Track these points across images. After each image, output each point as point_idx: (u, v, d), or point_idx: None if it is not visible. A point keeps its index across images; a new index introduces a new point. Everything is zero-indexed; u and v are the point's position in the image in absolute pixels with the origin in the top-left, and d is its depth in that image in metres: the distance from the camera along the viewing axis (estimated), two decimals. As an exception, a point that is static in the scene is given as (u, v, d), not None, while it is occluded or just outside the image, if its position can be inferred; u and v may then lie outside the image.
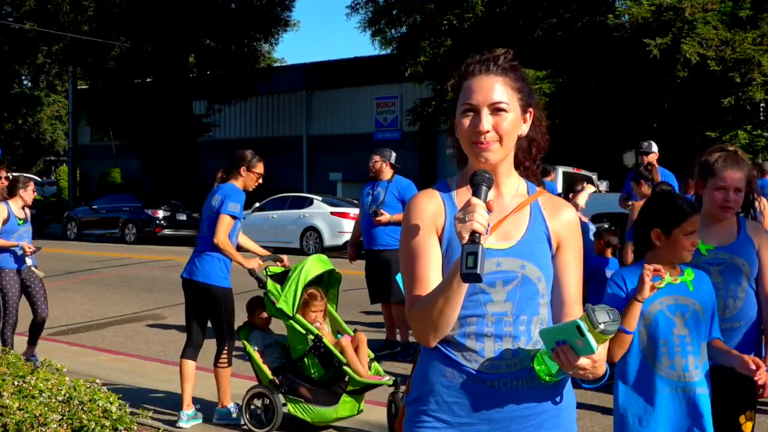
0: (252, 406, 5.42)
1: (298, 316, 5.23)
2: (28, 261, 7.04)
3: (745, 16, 17.12)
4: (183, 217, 23.58)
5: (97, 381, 4.45)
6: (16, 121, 42.87)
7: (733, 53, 16.63)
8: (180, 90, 27.62)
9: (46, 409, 3.94)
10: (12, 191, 7.13)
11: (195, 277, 5.63)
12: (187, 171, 27.55)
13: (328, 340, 5.26)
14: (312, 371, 5.24)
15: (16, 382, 4.11)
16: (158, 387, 6.47)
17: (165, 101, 27.09)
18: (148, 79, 28.96)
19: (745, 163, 3.36)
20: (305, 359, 5.24)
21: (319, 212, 19.48)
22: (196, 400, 6.08)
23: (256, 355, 5.46)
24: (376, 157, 7.53)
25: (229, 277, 5.71)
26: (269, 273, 5.52)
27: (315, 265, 5.39)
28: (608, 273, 6.80)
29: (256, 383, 5.51)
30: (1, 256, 6.98)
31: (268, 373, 5.34)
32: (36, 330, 7.31)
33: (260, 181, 5.97)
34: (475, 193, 1.87)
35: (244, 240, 6.17)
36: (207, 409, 5.85)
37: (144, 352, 8.11)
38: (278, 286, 5.29)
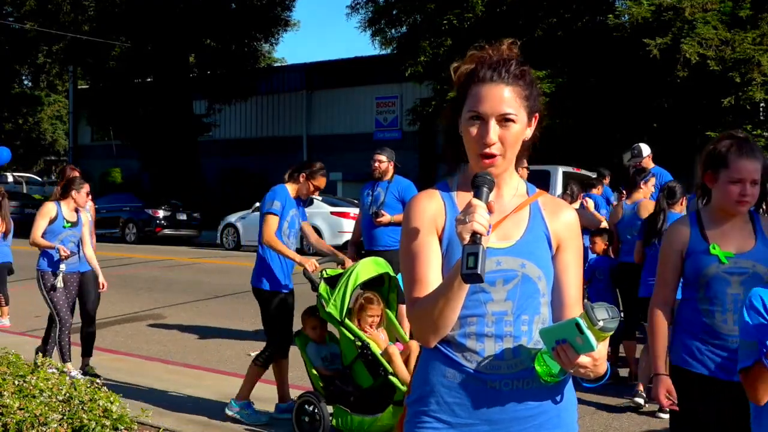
0: (301, 413, 5.28)
1: (347, 321, 5.02)
2: (62, 267, 6.58)
3: (745, 16, 17.12)
4: (183, 217, 23.60)
5: (98, 381, 4.45)
6: (16, 120, 42.88)
7: (733, 53, 16.63)
8: (180, 90, 27.63)
9: (46, 408, 3.94)
10: (65, 192, 6.79)
11: (251, 281, 5.72)
12: (187, 171, 27.57)
13: (382, 347, 5.03)
14: (361, 379, 5.03)
15: (16, 382, 4.11)
16: (158, 387, 6.47)
17: (165, 101, 27.10)
18: (149, 79, 28.98)
19: (760, 151, 3.04)
20: (355, 366, 5.04)
21: (319, 212, 19.48)
22: (196, 400, 6.08)
23: (305, 357, 5.31)
24: (383, 157, 7.38)
25: (280, 279, 5.57)
26: (326, 275, 5.27)
27: (367, 268, 5.16)
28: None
29: (308, 391, 5.37)
30: (42, 257, 6.64)
31: (318, 380, 5.19)
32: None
33: (316, 194, 6.00)
34: (477, 195, 1.87)
35: (316, 240, 6.14)
36: (207, 409, 5.86)
37: (144, 351, 8.11)
38: (329, 289, 5.10)
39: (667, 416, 4.99)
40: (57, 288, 6.54)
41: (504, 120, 1.97)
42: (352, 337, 5.01)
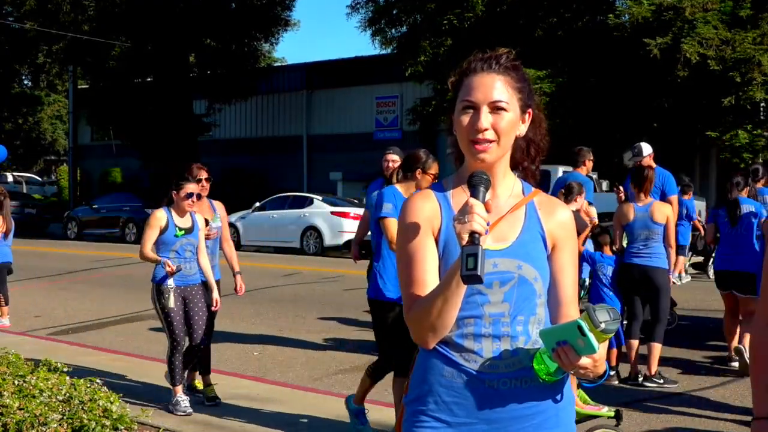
0: None
1: None
2: (170, 282, 5.78)
3: (745, 16, 17.13)
4: (183, 217, 23.58)
5: (98, 381, 4.45)
6: (16, 120, 42.89)
7: (733, 53, 16.64)
8: (180, 90, 27.63)
9: (46, 408, 3.94)
10: (172, 197, 6.04)
11: (368, 292, 5.26)
12: (187, 171, 27.54)
13: None
14: None
15: (16, 382, 4.11)
16: (158, 387, 6.46)
17: (165, 101, 27.10)
18: (149, 79, 28.96)
19: None
20: None
21: (319, 212, 19.48)
22: (199, 401, 6.08)
23: None
24: (395, 156, 7.26)
25: (385, 287, 5.04)
26: None
27: None
28: (605, 269, 6.90)
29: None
30: (159, 271, 5.86)
31: None
32: (191, 357, 6.08)
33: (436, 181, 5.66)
34: (473, 194, 1.87)
35: None
36: (207, 409, 5.85)
37: (144, 351, 8.10)
38: None
39: (667, 417, 4.99)
40: (169, 305, 5.79)
41: (496, 108, 1.97)
42: None
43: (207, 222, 6.31)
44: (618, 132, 18.71)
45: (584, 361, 1.83)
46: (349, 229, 18.15)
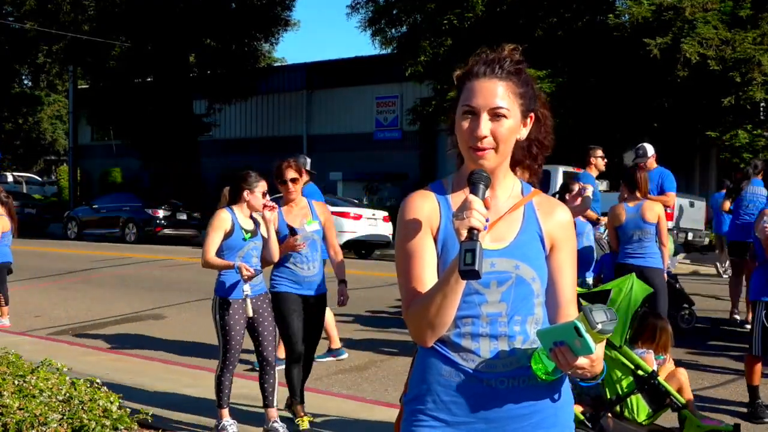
0: None
1: (626, 348, 4.54)
2: (246, 288, 5.14)
3: (745, 16, 17.13)
4: (183, 217, 23.62)
5: (98, 381, 4.45)
6: (16, 120, 42.91)
7: (733, 53, 16.64)
8: (180, 90, 27.64)
9: (46, 408, 3.94)
10: (236, 194, 5.42)
11: None
12: (187, 170, 27.58)
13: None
14: (637, 412, 4.52)
15: (16, 382, 4.12)
16: (158, 387, 6.47)
17: (165, 101, 27.11)
18: (149, 79, 28.98)
19: None
20: (631, 398, 4.50)
21: (319, 212, 19.46)
22: (196, 400, 6.08)
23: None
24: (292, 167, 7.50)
25: None
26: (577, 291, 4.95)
27: (641, 287, 4.62)
28: None
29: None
30: (225, 281, 5.26)
31: (577, 411, 4.55)
32: (267, 379, 5.40)
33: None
34: (473, 191, 1.88)
35: None
36: (207, 409, 5.86)
37: (144, 351, 8.11)
38: None
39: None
40: (237, 318, 5.18)
41: (496, 114, 1.97)
42: (632, 366, 4.51)
43: (293, 230, 5.40)
44: (618, 132, 18.71)
45: (581, 361, 1.83)
46: (349, 229, 18.17)
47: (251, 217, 5.41)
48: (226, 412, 5.30)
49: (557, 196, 6.57)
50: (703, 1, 17.26)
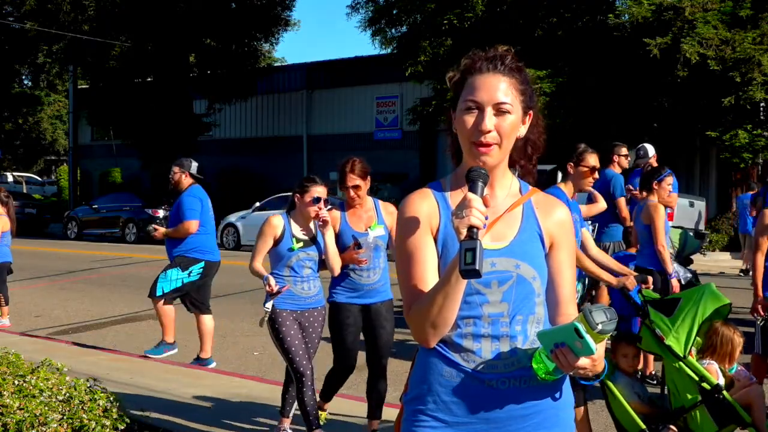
0: None
1: (690, 359, 4.33)
2: (267, 305, 4.83)
3: (745, 16, 17.13)
4: (183, 217, 23.59)
5: (98, 381, 4.45)
6: (16, 120, 42.89)
7: (733, 53, 16.64)
8: (180, 89, 27.64)
9: (46, 408, 3.94)
10: (293, 203, 5.00)
11: None
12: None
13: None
14: (702, 426, 4.30)
15: (16, 382, 4.12)
16: (158, 387, 6.47)
17: (165, 101, 27.12)
18: (149, 79, 28.99)
19: None
20: (695, 412, 4.29)
21: (319, 212, 19.47)
22: (196, 400, 6.08)
23: (621, 397, 4.40)
24: (176, 169, 7.68)
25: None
26: (645, 297, 4.51)
27: (714, 298, 4.43)
28: None
29: None
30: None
31: (640, 422, 4.34)
32: (301, 396, 4.96)
33: (595, 175, 4.95)
34: (472, 189, 1.87)
35: (598, 252, 5.03)
36: (207, 409, 5.85)
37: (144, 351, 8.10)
38: (664, 318, 4.33)
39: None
40: (287, 325, 4.83)
41: (500, 110, 1.97)
42: (696, 378, 4.29)
43: (357, 242, 4.91)
44: (618, 132, 18.72)
45: (583, 361, 1.83)
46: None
47: (314, 224, 4.97)
48: (287, 421, 5.06)
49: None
50: (703, 1, 17.26)
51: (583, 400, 4.65)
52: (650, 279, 4.89)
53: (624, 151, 8.18)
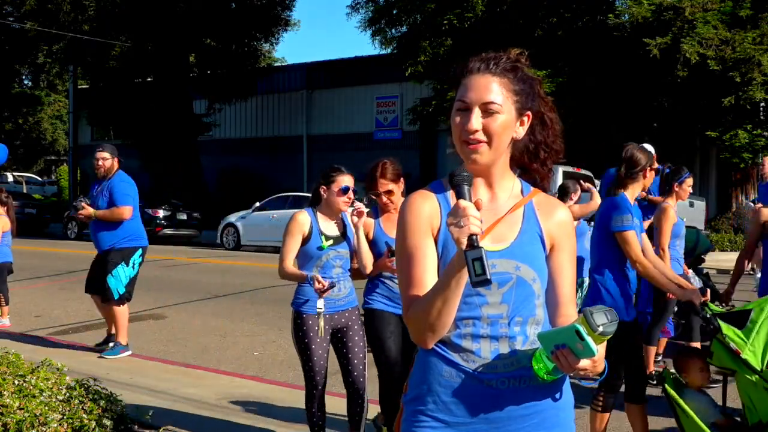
0: None
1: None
2: (319, 304, 4.41)
3: (745, 16, 17.14)
4: (183, 217, 23.61)
5: (98, 381, 4.45)
6: (16, 120, 42.92)
7: (733, 53, 16.65)
8: (180, 89, 27.66)
9: (46, 408, 3.95)
10: (318, 196, 4.59)
11: None
12: (187, 170, 27.59)
13: None
14: None
15: (16, 382, 4.12)
16: (158, 387, 6.46)
17: (165, 101, 27.13)
18: (149, 79, 29.00)
19: None
20: None
21: (319, 212, 19.49)
22: (196, 400, 6.08)
23: (695, 416, 4.24)
24: (104, 154, 7.68)
25: (622, 303, 4.50)
26: (712, 311, 4.39)
27: None
28: None
29: None
30: (301, 293, 4.51)
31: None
32: (355, 409, 4.63)
33: (652, 173, 4.89)
34: (460, 195, 1.85)
35: (654, 260, 4.83)
36: (207, 409, 5.85)
37: (144, 351, 8.10)
38: (737, 331, 4.18)
39: (667, 418, 4.98)
40: (312, 335, 4.44)
41: (488, 110, 1.96)
42: None
43: (390, 249, 4.46)
44: (618, 132, 18.73)
45: (584, 363, 1.83)
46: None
47: (342, 220, 4.61)
48: None
49: (556, 196, 6.54)
50: (703, 1, 17.27)
51: (611, 407, 4.61)
52: (708, 291, 4.78)
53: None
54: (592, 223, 8.64)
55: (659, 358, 7.06)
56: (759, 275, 8.51)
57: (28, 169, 45.70)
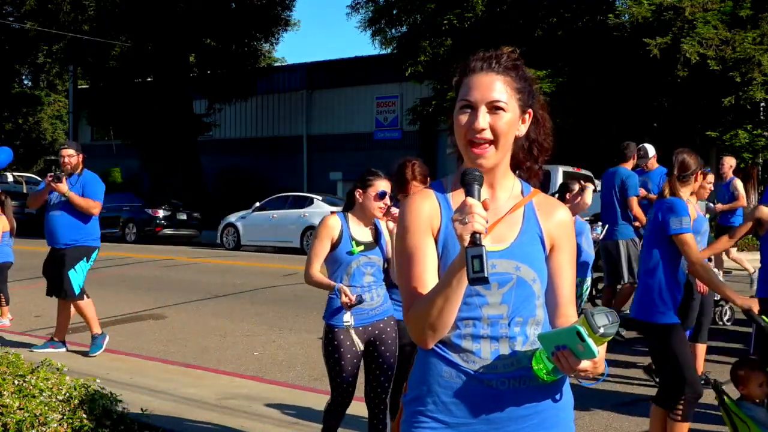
0: None
1: None
2: (347, 318, 4.19)
3: (745, 16, 17.13)
4: (183, 217, 23.62)
5: (97, 381, 4.45)
6: (16, 120, 42.91)
7: (733, 53, 16.64)
8: (180, 89, 27.66)
9: (46, 408, 3.95)
10: (352, 200, 4.36)
11: (639, 314, 4.56)
12: (187, 170, 27.60)
13: None
14: None
15: (16, 382, 4.12)
16: (158, 387, 6.46)
17: (165, 101, 27.13)
18: (149, 79, 29.00)
19: None
20: None
21: (319, 212, 19.47)
22: (196, 400, 6.08)
23: (752, 423, 4.13)
24: (69, 151, 7.55)
25: (667, 308, 4.48)
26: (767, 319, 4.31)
27: None
28: None
29: None
30: (331, 303, 4.29)
31: None
32: (373, 426, 4.47)
33: (707, 179, 4.92)
34: (469, 193, 1.85)
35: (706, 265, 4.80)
36: (207, 409, 5.85)
37: (144, 351, 8.10)
38: None
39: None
40: (342, 351, 4.21)
41: (494, 108, 1.96)
42: None
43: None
44: (618, 132, 18.74)
45: (584, 364, 1.83)
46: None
47: (376, 226, 4.35)
48: None
49: (557, 195, 6.52)
50: (703, 1, 17.26)
51: (690, 416, 4.49)
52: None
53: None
54: (598, 223, 8.64)
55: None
56: (755, 275, 8.41)
57: (28, 169, 45.65)
